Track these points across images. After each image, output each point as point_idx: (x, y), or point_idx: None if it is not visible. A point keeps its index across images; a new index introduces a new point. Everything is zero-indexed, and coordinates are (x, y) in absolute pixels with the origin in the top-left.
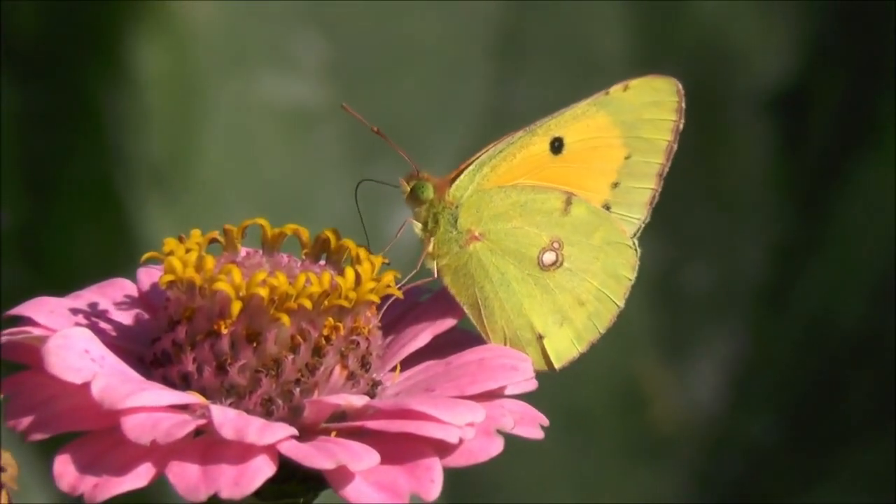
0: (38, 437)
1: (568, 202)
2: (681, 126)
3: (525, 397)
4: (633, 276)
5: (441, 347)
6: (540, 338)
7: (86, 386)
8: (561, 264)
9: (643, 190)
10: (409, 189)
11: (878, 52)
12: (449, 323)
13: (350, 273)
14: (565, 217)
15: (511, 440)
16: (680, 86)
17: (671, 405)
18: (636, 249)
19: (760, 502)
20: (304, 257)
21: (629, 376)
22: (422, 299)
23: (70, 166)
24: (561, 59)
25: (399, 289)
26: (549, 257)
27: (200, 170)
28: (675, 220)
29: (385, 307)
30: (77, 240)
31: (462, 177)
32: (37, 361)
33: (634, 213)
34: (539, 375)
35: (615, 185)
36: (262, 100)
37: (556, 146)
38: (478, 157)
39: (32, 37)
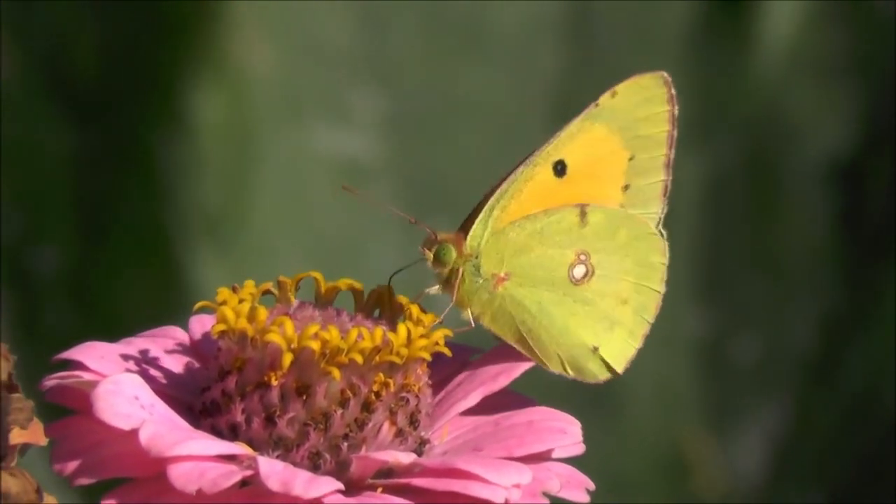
0: (83, 481)
1: (583, 213)
2: (676, 112)
3: (571, 462)
4: (665, 259)
5: (490, 408)
6: (596, 350)
7: (134, 433)
8: (593, 273)
9: (654, 184)
10: (432, 256)
11: None
12: (500, 384)
13: (402, 329)
14: (584, 228)
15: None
16: (666, 75)
17: (715, 474)
18: (662, 236)
19: None
20: (356, 312)
21: (674, 444)
22: (472, 359)
23: (123, 210)
24: None
25: (446, 343)
26: (579, 271)
27: (253, 219)
28: (726, 289)
29: (435, 365)
30: (127, 284)
31: (475, 226)
32: (85, 406)
33: (651, 209)
34: (588, 433)
35: (626, 187)
36: (317, 151)
37: (560, 169)
38: (485, 204)
39: (90, 79)
